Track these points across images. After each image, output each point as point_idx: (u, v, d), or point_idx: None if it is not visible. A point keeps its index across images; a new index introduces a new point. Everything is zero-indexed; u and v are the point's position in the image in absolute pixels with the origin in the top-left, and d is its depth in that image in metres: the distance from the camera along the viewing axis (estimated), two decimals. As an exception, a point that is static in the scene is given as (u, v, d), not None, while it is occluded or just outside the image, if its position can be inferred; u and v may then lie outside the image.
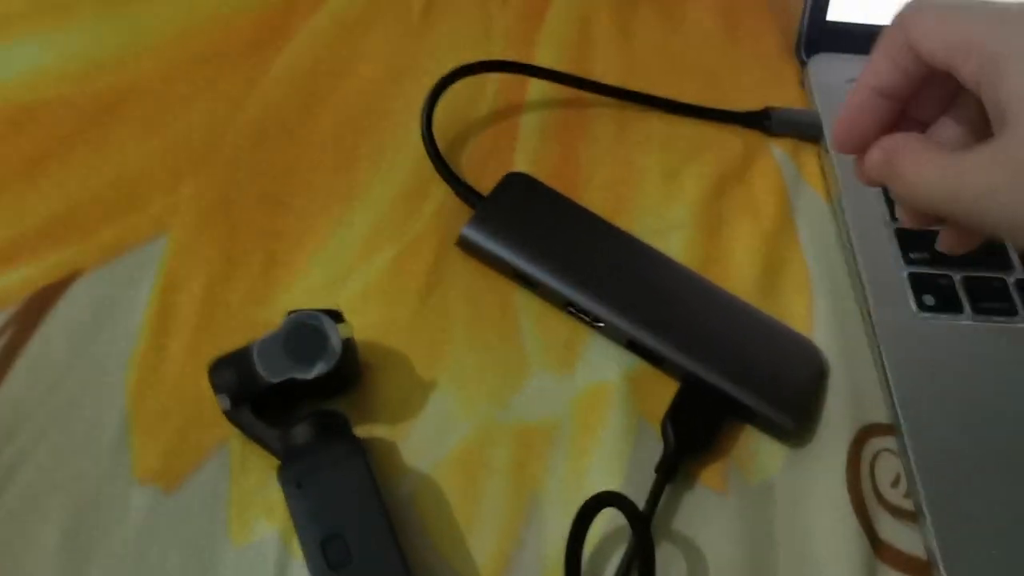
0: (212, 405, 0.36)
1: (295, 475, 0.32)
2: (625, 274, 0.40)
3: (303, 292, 0.39)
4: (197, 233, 0.40)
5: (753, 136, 0.47)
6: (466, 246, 0.40)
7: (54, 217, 0.40)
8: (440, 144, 0.43)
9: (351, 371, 0.36)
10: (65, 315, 0.38)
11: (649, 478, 0.36)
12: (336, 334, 0.34)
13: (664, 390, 0.38)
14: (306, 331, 0.34)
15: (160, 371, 0.37)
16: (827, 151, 0.46)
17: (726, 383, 0.38)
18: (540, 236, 0.40)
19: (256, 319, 0.38)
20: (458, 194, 0.42)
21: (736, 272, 0.42)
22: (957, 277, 0.42)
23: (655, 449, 0.37)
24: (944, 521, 0.35)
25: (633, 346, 0.39)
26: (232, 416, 0.34)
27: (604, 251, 0.40)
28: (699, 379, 0.38)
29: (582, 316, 0.39)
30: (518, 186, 0.42)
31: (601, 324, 0.39)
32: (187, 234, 0.40)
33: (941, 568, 0.34)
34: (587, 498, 0.34)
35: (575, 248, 0.40)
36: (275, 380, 0.34)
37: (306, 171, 0.42)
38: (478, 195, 0.41)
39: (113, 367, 0.37)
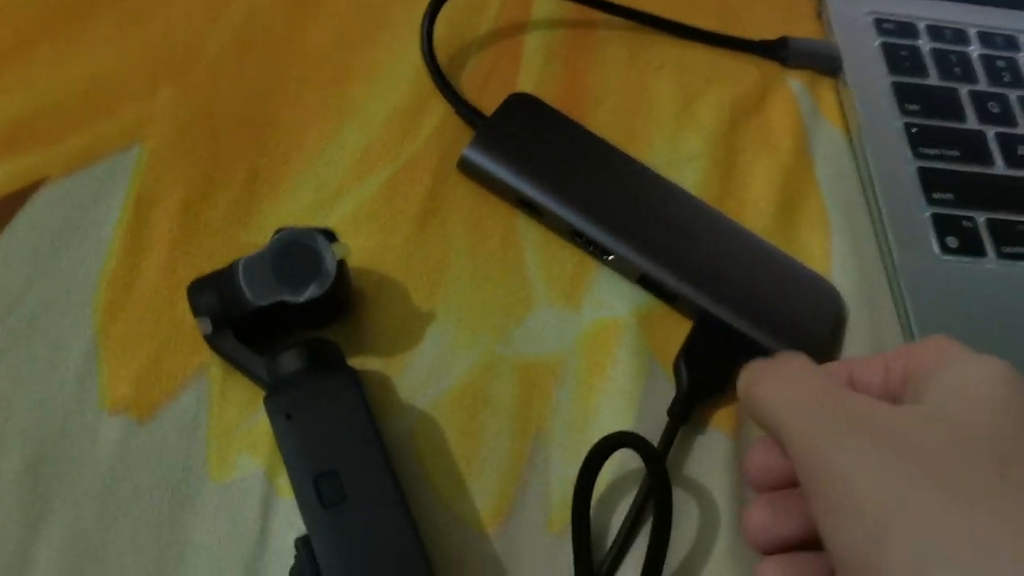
0: (190, 329, 0.33)
1: (284, 405, 0.29)
2: (637, 204, 0.37)
3: (290, 213, 0.36)
4: (174, 144, 0.37)
5: (769, 66, 0.44)
6: (467, 168, 0.37)
7: (16, 121, 0.37)
8: (439, 61, 0.40)
9: (343, 297, 0.33)
10: (27, 227, 0.34)
11: (661, 421, 0.34)
12: (330, 254, 0.31)
13: (677, 329, 0.36)
14: (297, 250, 0.31)
15: (133, 291, 0.33)
16: (846, 85, 0.43)
17: (742, 322, 0.35)
18: (546, 160, 0.37)
19: (238, 240, 0.35)
20: (459, 114, 0.39)
21: (751, 207, 0.39)
22: (981, 219, 0.40)
23: (666, 390, 0.35)
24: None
25: (645, 281, 0.36)
26: (213, 341, 0.31)
27: (614, 179, 0.38)
28: (714, 317, 0.35)
29: (590, 247, 0.37)
30: (523, 107, 0.39)
31: (610, 257, 0.36)
32: (163, 145, 0.36)
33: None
34: (596, 438, 0.32)
35: (584, 174, 0.37)
36: (262, 303, 0.31)
37: (295, 83, 0.39)
38: (481, 115, 0.38)
39: (80, 286, 0.33)
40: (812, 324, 0.36)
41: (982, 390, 0.25)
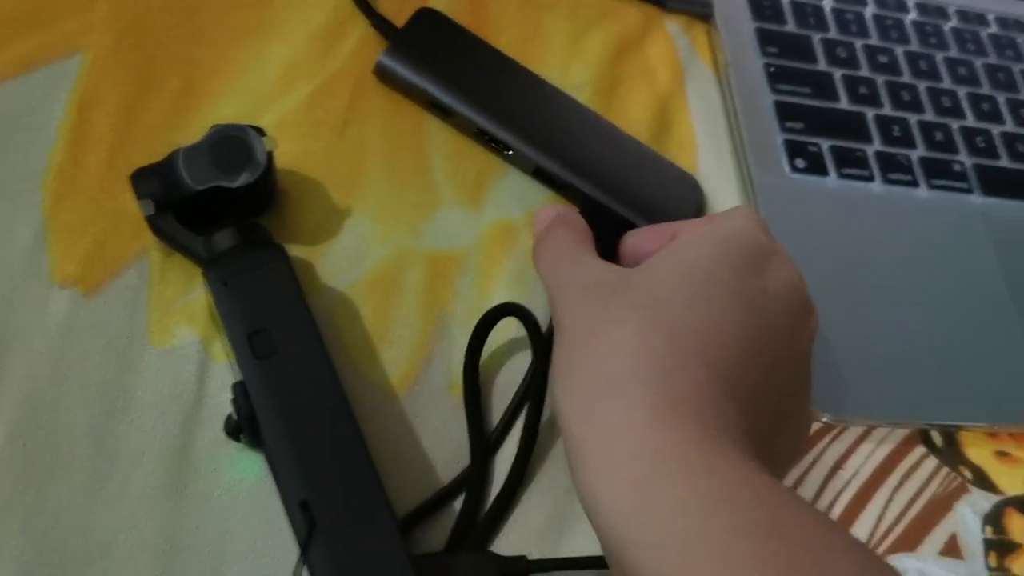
0: (131, 219, 0.37)
1: (222, 274, 0.33)
2: (533, 107, 0.43)
3: (219, 119, 0.39)
4: (112, 54, 0.40)
5: (651, 10, 0.50)
6: (383, 74, 0.42)
7: (-42, 29, 0.39)
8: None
9: (271, 189, 0.37)
10: (-26, 122, 0.37)
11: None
12: (261, 145, 0.35)
13: (564, 229, 0.41)
14: (231, 141, 0.35)
15: (77, 183, 0.37)
16: (716, 28, 0.49)
17: (619, 205, 0.41)
18: (453, 67, 0.42)
19: (172, 141, 0.38)
20: (375, 26, 0.43)
21: (630, 129, 0.45)
22: (825, 145, 0.46)
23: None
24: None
25: (538, 173, 0.42)
26: (155, 222, 0.35)
27: (514, 85, 0.43)
28: (596, 202, 0.41)
29: (493, 144, 0.42)
30: (431, 21, 0.43)
31: (510, 152, 0.42)
32: (102, 55, 0.40)
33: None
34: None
35: (487, 80, 0.42)
36: (200, 187, 0.34)
37: (219, 4, 0.42)
38: (393, 27, 0.43)
39: (28, 176, 0.37)
40: (679, 207, 0.42)
41: (684, 254, 0.31)
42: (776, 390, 0.30)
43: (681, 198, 0.43)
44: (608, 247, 0.40)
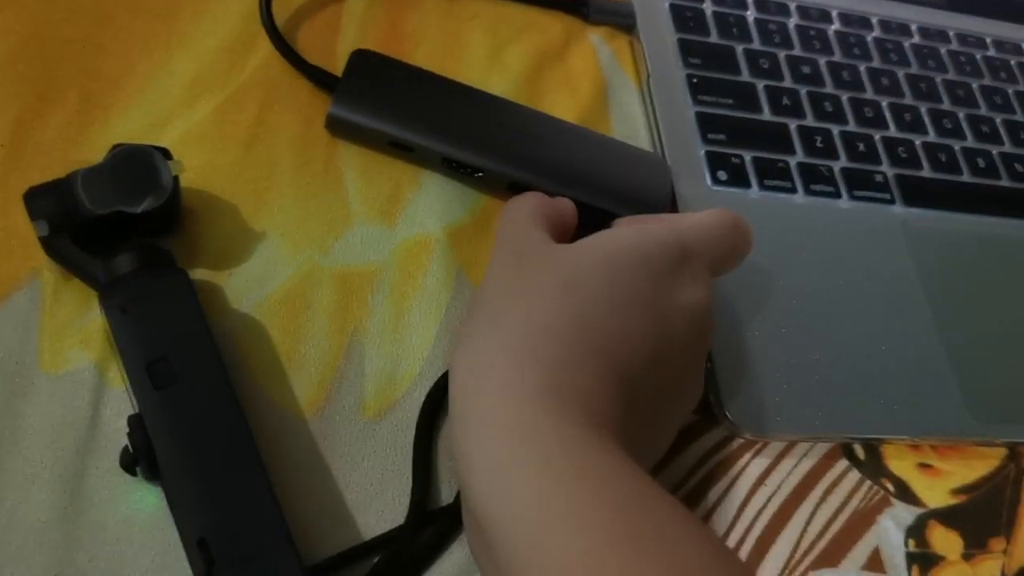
0: (22, 237, 0.35)
1: (120, 300, 0.32)
2: (491, 123, 0.42)
3: (121, 135, 0.38)
4: (5, 67, 0.38)
5: (573, 21, 0.49)
6: (335, 125, 0.41)
7: None
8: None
9: (175, 212, 0.36)
10: None
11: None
12: (167, 169, 0.34)
13: (483, 245, 0.40)
14: (135, 164, 0.34)
15: (-35, 201, 0.35)
16: (639, 40, 0.49)
17: (598, 199, 0.41)
18: (404, 102, 0.41)
19: (70, 158, 0.37)
20: (314, 81, 0.42)
21: (552, 143, 0.44)
22: (747, 157, 0.46)
23: (470, 297, 0.39)
24: (725, 365, 0.40)
25: (514, 187, 0.41)
26: (49, 243, 0.33)
27: (466, 106, 0.42)
28: (578, 203, 0.40)
29: (460, 169, 0.41)
30: (367, 61, 0.42)
31: (480, 174, 0.41)
32: (-5, 67, 0.38)
33: (724, 406, 0.39)
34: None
35: (440, 108, 0.41)
36: (100, 212, 0.33)
37: (125, 15, 0.41)
38: (334, 77, 0.41)
39: (-88, 195, 0.35)
40: (652, 188, 0.43)
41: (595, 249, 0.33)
42: (665, 395, 0.33)
43: (650, 180, 0.43)
44: None
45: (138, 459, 0.30)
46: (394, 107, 0.41)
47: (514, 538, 0.26)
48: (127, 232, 0.35)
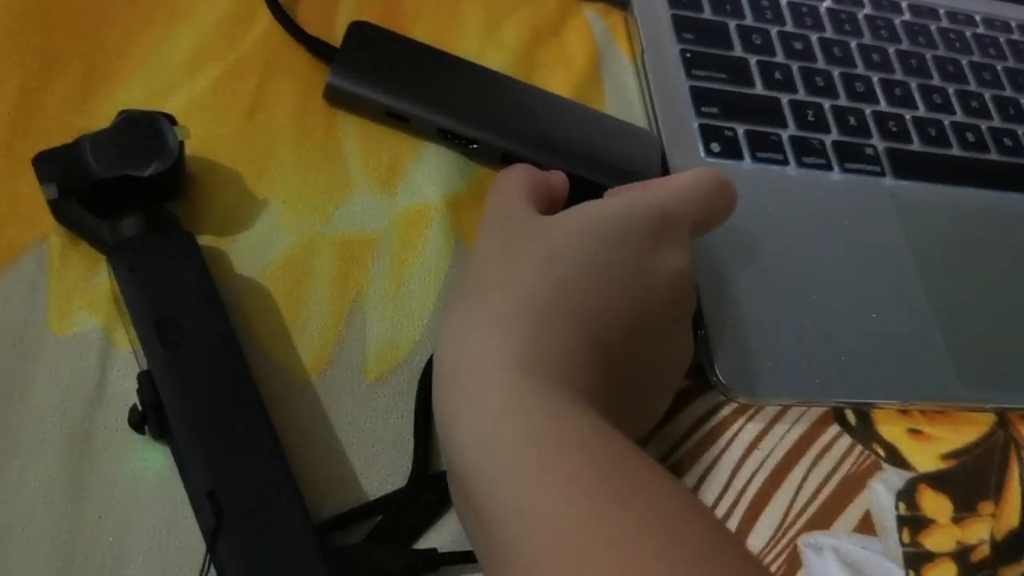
0: (29, 203, 0.36)
1: (128, 260, 0.32)
2: (486, 96, 0.43)
3: (125, 103, 0.39)
4: (11, 37, 0.39)
5: (568, -3, 0.50)
6: (333, 95, 0.41)
7: None
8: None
9: (180, 177, 0.36)
10: None
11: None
12: (173, 134, 0.34)
13: (480, 214, 0.41)
14: (141, 129, 0.34)
15: (-28, 167, 0.36)
16: (633, 16, 0.49)
17: (590, 172, 0.42)
18: (401, 73, 0.41)
19: (75, 125, 0.38)
20: (313, 51, 0.42)
21: (548, 115, 0.45)
22: (740, 130, 0.47)
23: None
24: (718, 331, 0.40)
25: (506, 159, 0.42)
26: (58, 206, 0.34)
27: (462, 78, 0.43)
28: (570, 176, 0.40)
29: (456, 141, 0.42)
30: (364, 32, 0.42)
31: (475, 146, 0.41)
32: (1, 36, 0.39)
33: (717, 372, 0.40)
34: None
35: (436, 79, 0.42)
36: (108, 175, 0.33)
37: (127, -14, 0.42)
38: (333, 48, 0.42)
39: (-81, 161, 0.35)
40: (642, 162, 0.43)
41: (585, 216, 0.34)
42: (651, 362, 0.34)
43: (641, 153, 0.44)
44: None
45: (147, 416, 0.31)
46: (391, 78, 0.41)
47: (495, 494, 0.26)
48: (133, 197, 0.35)
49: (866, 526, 0.40)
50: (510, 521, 0.26)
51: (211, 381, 0.31)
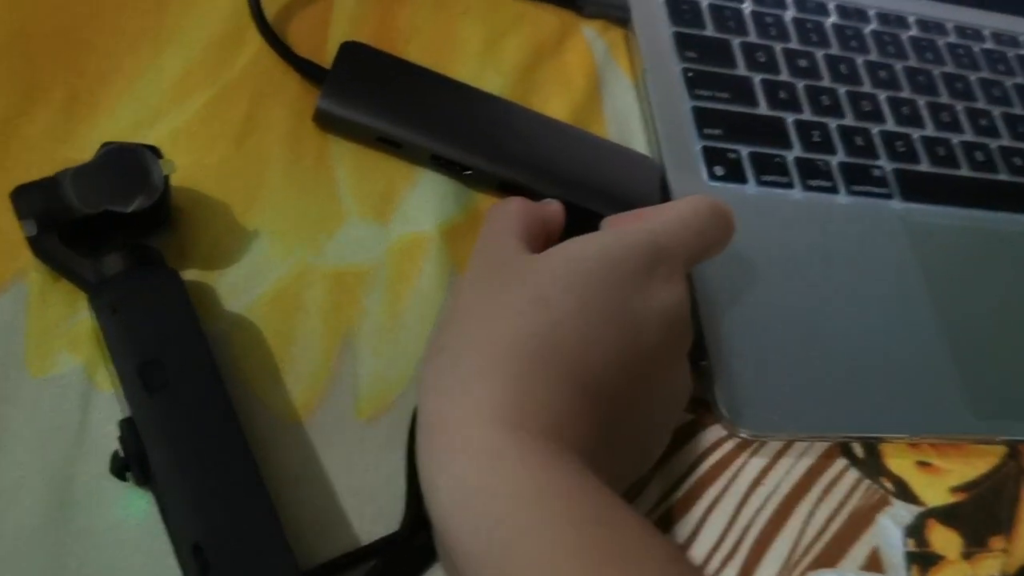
0: (7, 238, 0.34)
1: (111, 300, 0.31)
2: (481, 121, 0.41)
3: (109, 132, 0.38)
4: (-10, 64, 0.38)
5: (567, 15, 0.48)
6: (324, 119, 0.40)
7: None
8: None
9: (165, 210, 0.35)
10: None
11: (459, 321, 0.38)
12: (158, 168, 0.33)
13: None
14: (125, 162, 0.33)
15: (-50, 200, 0.35)
16: (634, 33, 0.48)
17: (587, 200, 0.41)
18: (393, 97, 0.40)
19: (57, 155, 0.36)
20: (302, 73, 0.41)
21: (547, 138, 0.44)
22: (744, 152, 0.46)
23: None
24: (723, 363, 0.39)
25: (504, 186, 0.41)
26: (38, 243, 0.32)
27: (455, 102, 0.41)
28: (567, 204, 0.39)
29: (449, 167, 0.40)
30: (356, 54, 0.41)
31: (468, 172, 0.40)
32: (-21, 64, 0.38)
33: (720, 406, 0.38)
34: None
35: (429, 103, 0.41)
36: (90, 211, 0.32)
37: (112, 10, 0.40)
38: (323, 70, 0.41)
39: None
40: (642, 190, 0.42)
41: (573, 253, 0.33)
42: (646, 401, 0.33)
43: (640, 180, 0.43)
44: None
45: (129, 464, 0.30)
46: (383, 102, 0.40)
47: (476, 554, 0.26)
48: (115, 232, 0.34)
49: (874, 563, 0.39)
50: None
51: (196, 428, 0.30)
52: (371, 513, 0.34)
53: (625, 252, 0.32)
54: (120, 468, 0.30)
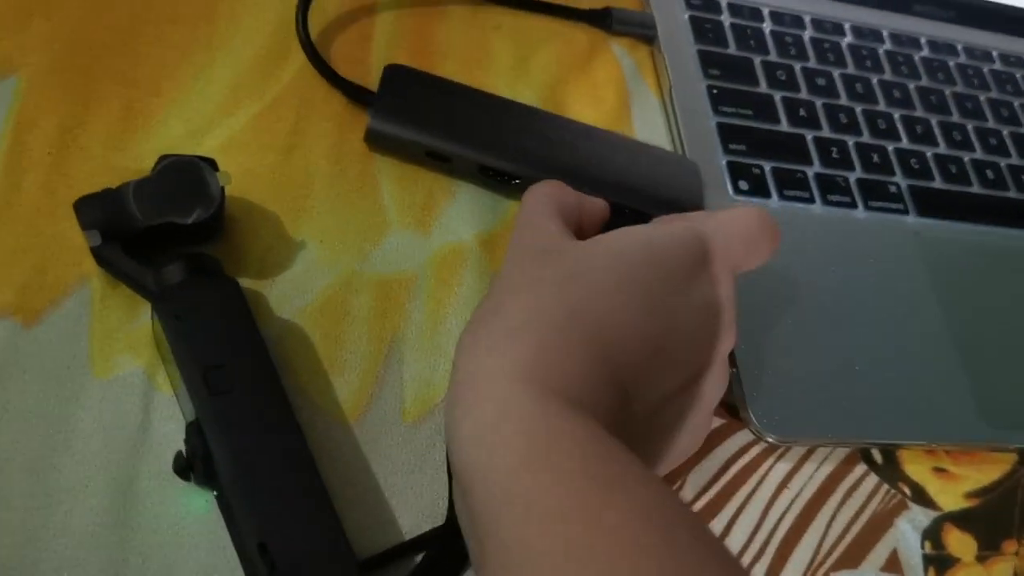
0: (70, 243, 0.36)
1: (175, 308, 0.32)
2: (526, 132, 0.43)
3: (163, 141, 0.39)
4: (49, 75, 0.39)
5: (595, 33, 0.50)
6: (375, 138, 0.41)
7: None
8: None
9: (221, 221, 0.36)
10: (-95, 146, 0.36)
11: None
12: (215, 180, 0.35)
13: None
14: (184, 175, 0.34)
15: (15, 207, 0.36)
16: (660, 51, 0.50)
17: (636, 203, 0.42)
18: (439, 113, 0.42)
19: (115, 164, 0.38)
20: (350, 96, 0.43)
21: (578, 152, 0.45)
22: (767, 167, 0.47)
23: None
24: (750, 370, 0.41)
25: None
26: (101, 253, 0.34)
27: (499, 115, 0.43)
28: (617, 206, 0.41)
29: (499, 178, 0.42)
30: (399, 74, 0.42)
31: (517, 181, 0.42)
32: (38, 75, 0.39)
33: (750, 412, 0.40)
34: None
35: (473, 117, 0.42)
36: (152, 223, 0.34)
37: (164, 22, 0.42)
38: (370, 92, 0.42)
39: (-39, 202, 0.35)
40: (686, 191, 0.44)
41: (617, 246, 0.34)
42: (675, 390, 0.34)
43: (684, 181, 0.44)
44: None
45: (193, 465, 0.31)
46: (430, 118, 0.41)
47: (487, 487, 0.27)
48: (173, 241, 0.35)
49: (893, 565, 0.40)
50: (500, 511, 0.27)
51: (260, 431, 0.31)
52: (416, 511, 0.35)
53: (669, 244, 0.34)
54: (184, 468, 0.32)
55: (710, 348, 0.35)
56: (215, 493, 0.32)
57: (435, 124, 0.41)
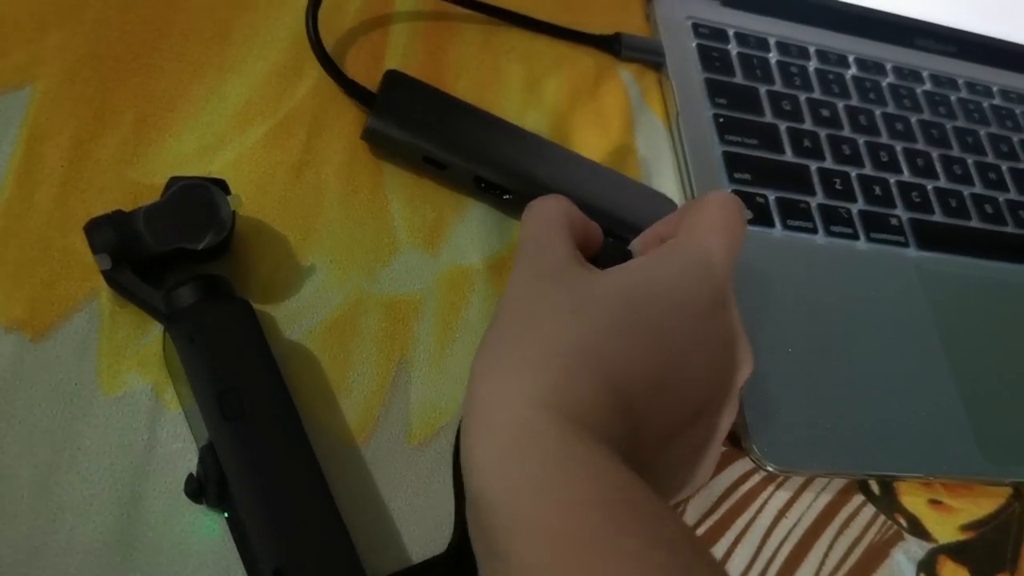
0: (80, 258, 0.36)
1: (188, 330, 0.32)
2: (519, 150, 0.43)
3: (176, 156, 0.39)
4: (64, 87, 0.39)
5: (604, 58, 0.51)
6: (373, 136, 0.41)
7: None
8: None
9: (230, 242, 0.36)
10: (-82, 156, 0.36)
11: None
12: (226, 205, 0.35)
13: (521, 276, 0.42)
14: (195, 200, 0.34)
15: (26, 220, 0.36)
16: (668, 78, 0.50)
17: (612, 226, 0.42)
18: (437, 121, 0.42)
19: (127, 178, 0.38)
20: (353, 96, 0.43)
21: (586, 177, 0.45)
22: (771, 197, 0.48)
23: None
24: (752, 401, 0.41)
25: None
26: (112, 276, 0.33)
27: (493, 131, 0.43)
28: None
29: (490, 190, 0.42)
30: (400, 81, 0.43)
31: (508, 196, 0.42)
32: (53, 86, 0.38)
33: (752, 442, 0.40)
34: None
35: (469, 130, 0.42)
36: (163, 249, 0.34)
37: (179, 37, 0.42)
38: (372, 93, 0.42)
39: (-28, 213, 0.35)
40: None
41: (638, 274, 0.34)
42: (683, 423, 0.34)
43: (658, 215, 0.43)
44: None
45: (206, 488, 0.31)
46: (428, 124, 0.42)
47: (501, 511, 0.27)
48: (182, 262, 0.35)
49: (889, 596, 0.41)
50: (516, 535, 0.27)
51: (274, 455, 0.31)
52: (421, 534, 0.35)
53: (683, 291, 0.34)
54: (195, 490, 0.31)
55: (728, 380, 0.35)
56: (225, 515, 0.32)
57: (432, 130, 0.41)
